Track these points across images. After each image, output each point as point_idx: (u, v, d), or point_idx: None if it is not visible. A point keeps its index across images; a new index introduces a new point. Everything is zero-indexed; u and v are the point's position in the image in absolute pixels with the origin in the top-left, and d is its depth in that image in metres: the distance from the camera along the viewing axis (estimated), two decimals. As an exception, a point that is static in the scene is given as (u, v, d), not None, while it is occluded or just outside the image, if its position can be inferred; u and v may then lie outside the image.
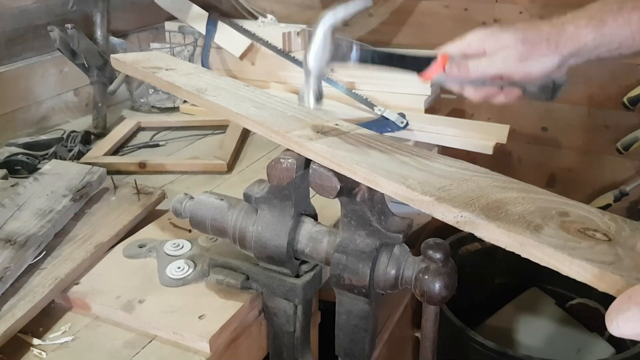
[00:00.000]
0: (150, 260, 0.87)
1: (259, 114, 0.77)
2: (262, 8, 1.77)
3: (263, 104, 0.82)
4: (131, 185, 1.03)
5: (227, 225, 0.77)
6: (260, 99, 0.84)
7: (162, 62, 0.96)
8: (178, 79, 0.88)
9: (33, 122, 1.38)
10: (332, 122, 0.77)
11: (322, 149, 0.67)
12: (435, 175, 0.64)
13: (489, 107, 1.72)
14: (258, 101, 0.83)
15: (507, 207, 0.56)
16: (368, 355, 0.77)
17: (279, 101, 0.83)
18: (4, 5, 1.32)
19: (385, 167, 0.65)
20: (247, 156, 1.27)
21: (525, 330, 1.67)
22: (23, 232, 0.85)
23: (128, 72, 0.97)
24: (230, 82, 0.91)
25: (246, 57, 1.55)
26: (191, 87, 0.85)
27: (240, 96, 0.84)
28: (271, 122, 0.74)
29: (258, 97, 0.85)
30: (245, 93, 0.86)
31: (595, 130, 1.62)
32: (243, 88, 0.89)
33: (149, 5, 1.62)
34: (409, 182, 0.61)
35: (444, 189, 0.60)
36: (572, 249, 0.49)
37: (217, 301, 0.78)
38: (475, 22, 1.62)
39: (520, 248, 0.51)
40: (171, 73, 0.91)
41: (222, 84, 0.89)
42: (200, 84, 0.87)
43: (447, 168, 0.66)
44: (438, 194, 0.59)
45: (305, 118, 0.77)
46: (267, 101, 0.83)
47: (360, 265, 0.69)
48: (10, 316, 0.72)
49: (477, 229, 0.54)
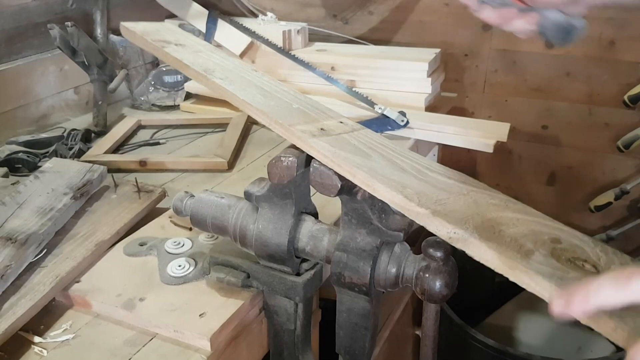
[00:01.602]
0: (151, 259, 0.87)
1: (264, 103, 0.76)
2: (262, 6, 1.77)
3: (270, 92, 0.80)
4: (132, 183, 1.03)
5: (228, 224, 0.77)
6: (268, 87, 0.82)
7: (172, 36, 0.93)
8: (186, 56, 0.85)
9: (33, 120, 1.38)
10: (337, 119, 0.76)
11: (324, 147, 0.67)
12: (434, 186, 0.64)
13: (489, 105, 1.72)
14: (265, 89, 0.81)
15: (501, 227, 0.56)
16: (368, 353, 0.77)
17: (286, 91, 0.81)
18: (3, 3, 1.32)
19: (385, 172, 0.64)
20: (247, 154, 1.27)
21: (525, 328, 1.67)
22: (24, 230, 0.85)
23: (137, 43, 0.94)
24: (239, 65, 0.88)
25: (246, 55, 1.54)
26: (199, 67, 0.82)
27: (247, 81, 0.82)
28: (275, 113, 0.73)
29: (265, 84, 0.83)
30: (253, 78, 0.84)
31: (595, 128, 1.62)
32: (251, 73, 0.86)
33: (149, 3, 1.62)
34: (406, 191, 0.61)
35: (440, 202, 0.60)
36: (559, 278, 0.49)
37: (218, 299, 0.78)
38: (475, 20, 1.61)
39: (509, 271, 0.51)
40: (180, 49, 0.87)
41: (230, 66, 0.86)
42: (209, 64, 0.84)
43: (446, 180, 0.66)
44: (434, 207, 0.59)
45: (311, 112, 0.76)
46: (275, 90, 0.81)
47: (361, 264, 0.69)
48: (11, 314, 0.72)
49: (469, 247, 0.55)
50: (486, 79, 1.69)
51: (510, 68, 1.65)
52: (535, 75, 1.64)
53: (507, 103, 1.70)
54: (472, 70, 1.70)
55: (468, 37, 1.65)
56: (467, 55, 1.68)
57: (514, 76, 1.66)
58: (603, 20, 1.51)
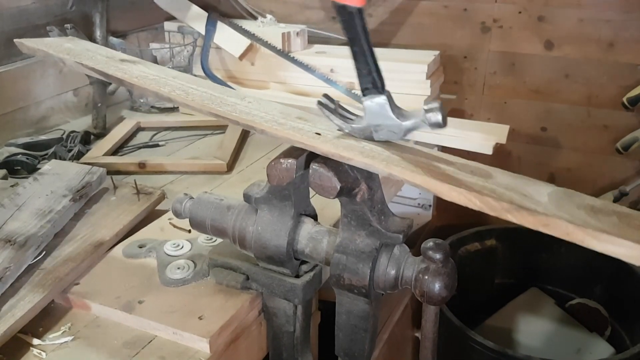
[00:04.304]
0: (150, 261, 0.87)
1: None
2: (261, 8, 1.77)
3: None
4: (131, 185, 1.03)
5: (227, 226, 0.77)
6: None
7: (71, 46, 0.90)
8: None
9: (32, 122, 1.38)
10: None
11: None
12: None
13: (488, 107, 1.72)
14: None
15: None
16: (368, 355, 0.77)
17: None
18: (3, 5, 1.32)
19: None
20: (246, 156, 1.27)
21: (525, 330, 1.67)
22: (23, 233, 0.85)
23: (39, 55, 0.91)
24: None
25: (246, 57, 1.55)
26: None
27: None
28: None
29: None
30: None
31: (594, 130, 1.62)
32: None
33: (148, 5, 1.62)
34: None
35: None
36: None
37: (217, 301, 0.78)
38: (474, 22, 1.62)
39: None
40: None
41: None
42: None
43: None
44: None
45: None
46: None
47: (360, 266, 0.69)
48: (10, 316, 0.72)
49: None
50: (485, 81, 1.69)
51: (509, 70, 1.66)
52: (534, 77, 1.64)
53: (506, 105, 1.70)
54: (471, 72, 1.70)
55: (467, 39, 1.65)
56: (466, 57, 1.68)
57: (513, 78, 1.66)
58: (602, 22, 1.51)
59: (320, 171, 0.67)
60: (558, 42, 1.57)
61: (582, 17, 1.52)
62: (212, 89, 0.80)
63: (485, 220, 1.81)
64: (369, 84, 0.66)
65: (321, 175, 0.67)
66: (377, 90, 0.66)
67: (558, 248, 1.71)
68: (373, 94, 0.66)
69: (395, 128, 0.67)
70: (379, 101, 0.66)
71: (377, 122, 0.67)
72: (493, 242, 1.73)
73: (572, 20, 1.53)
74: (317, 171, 0.67)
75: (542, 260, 1.75)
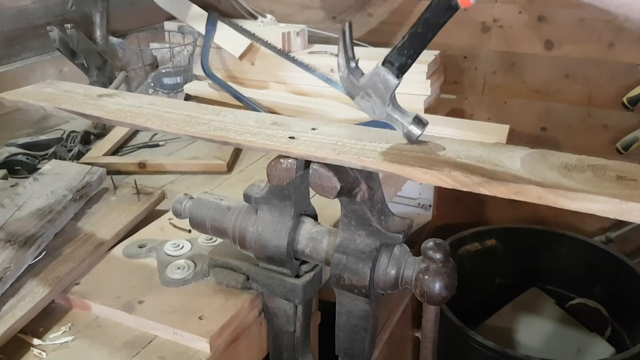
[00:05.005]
0: (150, 261, 0.87)
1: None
2: (261, 8, 1.77)
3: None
4: (131, 185, 1.03)
5: (227, 226, 0.77)
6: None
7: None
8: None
9: (32, 122, 1.38)
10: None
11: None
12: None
13: (488, 107, 1.72)
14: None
15: None
16: (368, 355, 0.77)
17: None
18: (3, 5, 1.32)
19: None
20: (246, 156, 1.27)
21: (525, 330, 1.67)
22: (23, 233, 0.85)
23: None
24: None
25: (246, 57, 1.55)
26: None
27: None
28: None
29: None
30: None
31: (594, 130, 1.62)
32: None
33: (148, 5, 1.62)
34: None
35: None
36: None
37: (217, 301, 0.78)
38: (474, 22, 1.62)
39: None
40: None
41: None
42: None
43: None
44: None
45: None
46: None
47: (360, 266, 0.69)
48: (10, 316, 0.72)
49: None
50: (485, 81, 1.70)
51: (509, 70, 1.66)
52: (534, 77, 1.64)
53: (506, 105, 1.70)
54: (471, 72, 1.70)
55: (467, 38, 1.65)
56: (466, 57, 1.68)
57: (513, 78, 1.66)
58: (602, 22, 1.51)
59: (320, 171, 0.67)
60: (558, 42, 1.57)
61: (582, 17, 1.52)
62: (187, 110, 0.82)
63: (485, 220, 1.81)
64: (397, 62, 0.67)
65: (321, 175, 0.67)
66: (396, 72, 0.67)
67: (558, 248, 1.71)
68: (391, 71, 0.67)
69: (379, 108, 0.68)
70: (389, 79, 0.67)
71: (371, 91, 0.67)
72: (493, 242, 1.73)
73: (572, 20, 1.53)
74: (317, 171, 0.67)
75: (542, 260, 1.75)
